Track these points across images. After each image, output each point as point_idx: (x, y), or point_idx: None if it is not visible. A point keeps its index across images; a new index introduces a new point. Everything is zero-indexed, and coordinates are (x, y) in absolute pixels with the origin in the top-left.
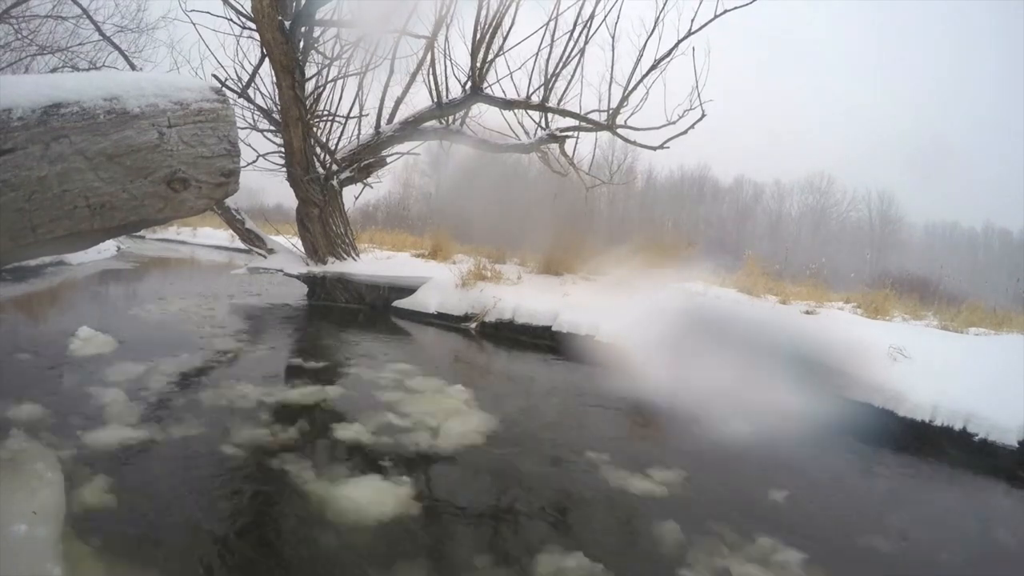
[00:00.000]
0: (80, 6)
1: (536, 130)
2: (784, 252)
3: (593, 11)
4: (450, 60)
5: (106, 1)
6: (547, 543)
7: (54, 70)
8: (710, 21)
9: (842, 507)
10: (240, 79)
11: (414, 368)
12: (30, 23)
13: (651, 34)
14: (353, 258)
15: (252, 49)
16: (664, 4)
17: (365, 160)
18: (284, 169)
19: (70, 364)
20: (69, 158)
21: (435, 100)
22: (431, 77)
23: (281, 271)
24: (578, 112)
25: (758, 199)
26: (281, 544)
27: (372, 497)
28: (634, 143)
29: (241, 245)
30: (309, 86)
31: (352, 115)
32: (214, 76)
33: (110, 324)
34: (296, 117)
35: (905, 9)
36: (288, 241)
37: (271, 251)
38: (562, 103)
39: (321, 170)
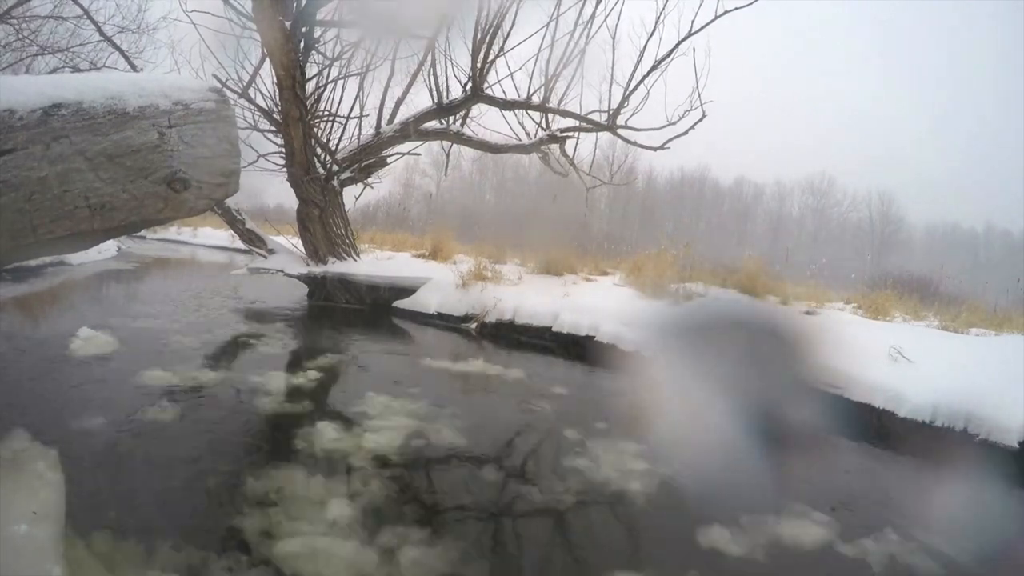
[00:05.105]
0: (81, 7)
1: (536, 131)
2: (784, 253)
3: (593, 12)
4: (451, 61)
5: (107, 2)
6: None
7: (55, 70)
8: (711, 22)
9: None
10: (240, 79)
11: None
12: (31, 23)
13: (651, 35)
14: (354, 258)
15: (252, 49)
16: (664, 5)
17: (366, 160)
18: (284, 169)
19: (70, 364)
20: (69, 158)
21: (436, 101)
22: (431, 78)
23: (281, 271)
24: (578, 113)
25: (758, 200)
26: (277, 544)
27: None
28: (635, 143)
29: (241, 245)
30: (310, 86)
31: (352, 115)
32: (215, 76)
33: (110, 324)
34: (296, 117)
35: (907, 9)
36: (288, 241)
37: (271, 251)
38: (563, 104)
39: (321, 170)
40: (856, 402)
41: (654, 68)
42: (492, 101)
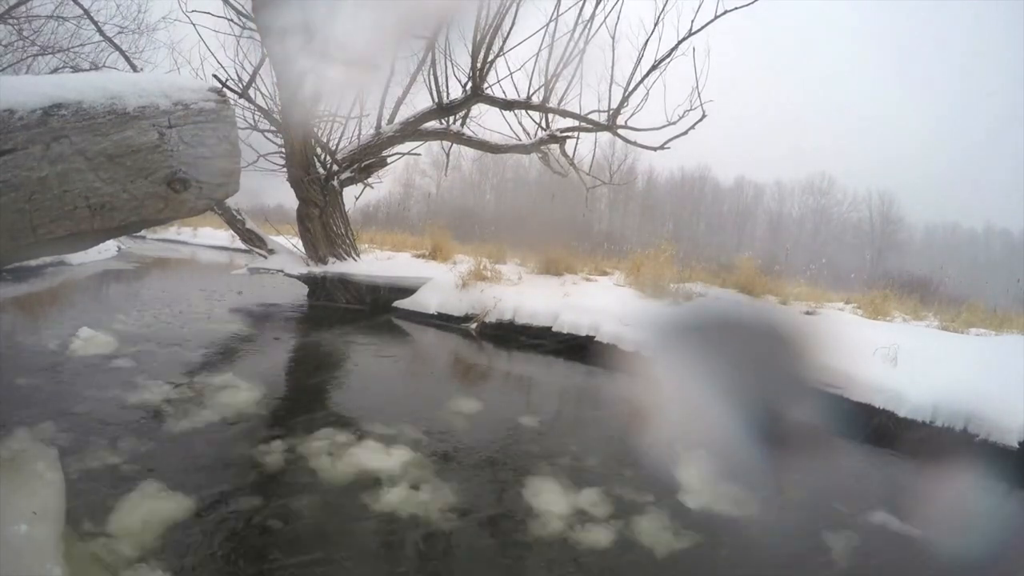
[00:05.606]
0: (81, 7)
1: (536, 131)
2: (785, 253)
3: (593, 12)
4: (450, 61)
5: (107, 2)
6: None
7: (55, 70)
8: (710, 22)
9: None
10: (240, 79)
11: None
12: (32, 24)
13: (651, 35)
14: (354, 258)
15: (252, 49)
16: (664, 5)
17: (366, 160)
18: (285, 169)
19: (71, 364)
20: (69, 158)
21: (435, 101)
22: (431, 78)
23: (281, 271)
24: (578, 112)
25: (759, 200)
26: (280, 543)
27: None
28: (634, 143)
29: (241, 245)
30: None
31: (352, 115)
32: (215, 76)
33: (111, 324)
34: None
35: (908, 10)
36: (288, 241)
37: (271, 251)
38: (562, 104)
39: (322, 170)
40: (856, 402)
41: (654, 68)
42: (492, 101)
